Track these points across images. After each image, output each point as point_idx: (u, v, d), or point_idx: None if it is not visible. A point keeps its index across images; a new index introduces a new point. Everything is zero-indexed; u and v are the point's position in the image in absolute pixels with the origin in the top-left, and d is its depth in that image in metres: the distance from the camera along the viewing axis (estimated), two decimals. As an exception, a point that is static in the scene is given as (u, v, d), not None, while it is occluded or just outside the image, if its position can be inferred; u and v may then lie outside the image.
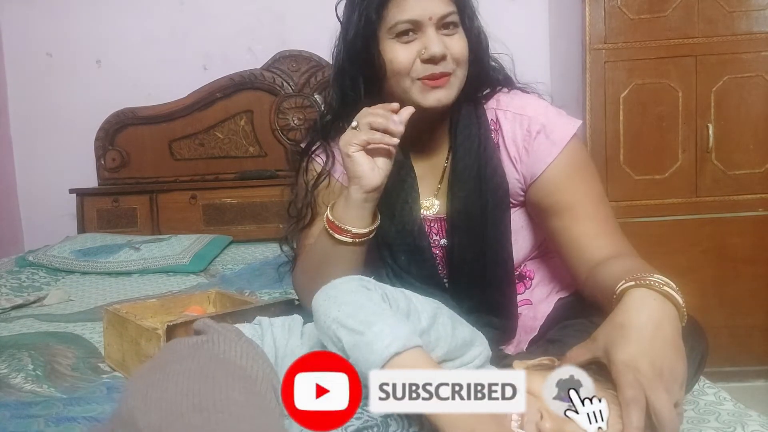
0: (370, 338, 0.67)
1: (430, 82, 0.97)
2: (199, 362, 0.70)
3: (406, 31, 0.97)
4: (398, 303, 0.74)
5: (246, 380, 0.69)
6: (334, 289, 0.74)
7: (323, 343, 0.74)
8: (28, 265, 2.26)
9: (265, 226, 2.61)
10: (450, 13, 0.98)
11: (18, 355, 1.28)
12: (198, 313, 1.24)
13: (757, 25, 2.18)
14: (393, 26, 0.97)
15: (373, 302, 0.72)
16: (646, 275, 0.78)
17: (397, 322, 0.69)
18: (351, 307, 0.71)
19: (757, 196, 2.23)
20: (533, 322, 1.08)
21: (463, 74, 1.01)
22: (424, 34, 0.97)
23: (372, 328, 0.68)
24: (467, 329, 0.79)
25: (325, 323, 0.71)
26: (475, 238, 1.03)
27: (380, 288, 0.76)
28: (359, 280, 0.76)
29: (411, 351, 0.67)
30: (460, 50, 0.99)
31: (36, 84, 2.84)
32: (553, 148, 1.00)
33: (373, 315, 0.69)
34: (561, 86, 2.53)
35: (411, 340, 0.68)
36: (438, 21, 0.97)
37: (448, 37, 0.98)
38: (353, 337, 0.68)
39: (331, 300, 0.73)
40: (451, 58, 0.98)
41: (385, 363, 0.66)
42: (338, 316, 0.70)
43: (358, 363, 0.67)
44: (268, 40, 2.74)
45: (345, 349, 0.69)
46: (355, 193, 0.95)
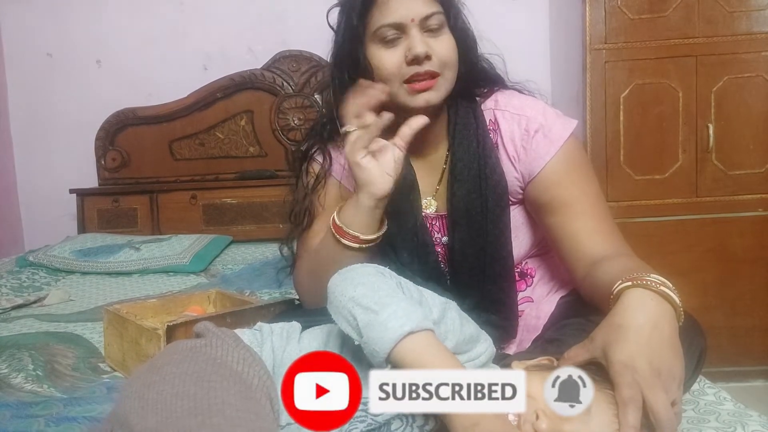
0: (385, 317, 0.68)
1: (417, 84, 0.97)
2: (196, 366, 0.70)
3: (390, 35, 0.97)
4: (411, 293, 0.76)
5: (242, 385, 0.68)
6: (352, 272, 0.76)
7: (342, 340, 0.75)
8: (28, 265, 2.27)
9: (265, 226, 2.61)
10: (433, 14, 0.97)
11: (18, 355, 1.28)
12: (198, 313, 1.24)
13: (757, 25, 2.18)
14: (377, 30, 0.97)
15: (388, 286, 0.73)
16: (643, 275, 0.78)
17: (411, 305, 0.71)
18: (367, 288, 0.72)
19: (757, 196, 2.23)
20: (536, 321, 1.08)
21: (452, 75, 1.00)
22: (408, 36, 0.97)
23: (387, 308, 0.69)
24: (473, 326, 0.80)
25: (341, 302, 0.72)
26: (475, 236, 1.04)
27: (395, 277, 0.77)
28: (375, 266, 0.77)
29: (424, 333, 0.68)
30: (446, 51, 0.98)
31: (36, 84, 2.85)
32: (551, 146, 1.00)
33: (388, 297, 0.71)
34: (561, 86, 2.53)
35: (424, 323, 0.69)
36: (421, 22, 0.96)
37: (433, 38, 0.98)
38: (368, 315, 0.69)
39: (348, 281, 0.74)
40: (437, 59, 0.97)
41: (397, 342, 0.67)
42: (354, 296, 0.71)
43: (371, 342, 0.68)
44: (268, 40, 2.74)
45: (359, 327, 0.70)
46: (366, 200, 0.95)
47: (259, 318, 1.11)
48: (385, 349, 0.67)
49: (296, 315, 1.01)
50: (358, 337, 0.70)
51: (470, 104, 1.06)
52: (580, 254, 0.98)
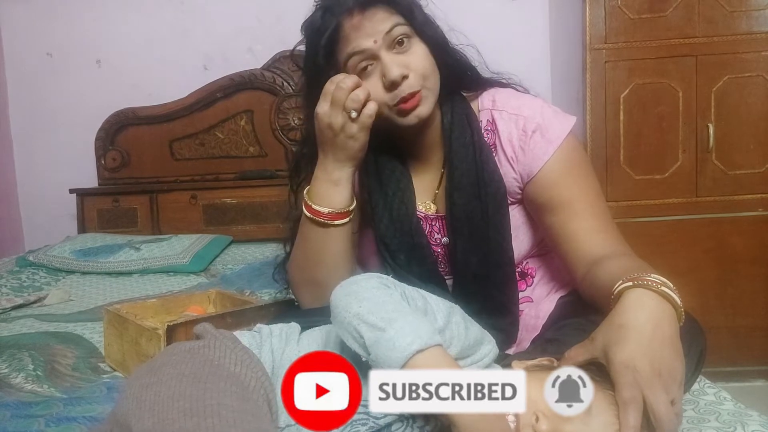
0: (392, 335, 0.67)
1: (403, 105, 0.96)
2: (193, 367, 0.70)
3: (362, 65, 0.96)
4: (416, 302, 0.75)
5: (239, 387, 0.68)
6: (355, 285, 0.74)
7: (341, 341, 0.74)
8: (28, 265, 2.27)
9: (265, 226, 2.61)
10: (395, 26, 0.95)
11: (18, 355, 1.28)
12: (198, 313, 1.24)
13: (757, 25, 2.18)
14: (347, 62, 0.96)
15: (393, 299, 0.72)
16: (643, 275, 0.78)
17: (417, 320, 0.69)
18: (372, 303, 0.70)
19: (757, 196, 2.23)
20: (535, 320, 1.08)
21: (434, 83, 0.99)
22: (380, 61, 0.95)
23: (393, 324, 0.67)
24: (477, 328, 0.80)
25: (346, 319, 0.70)
26: (476, 239, 1.03)
27: (399, 286, 0.76)
28: (378, 277, 0.76)
29: (432, 349, 0.67)
30: (420, 64, 0.96)
31: (36, 84, 2.85)
32: (549, 146, 1.00)
33: (394, 312, 0.69)
34: (561, 86, 2.53)
35: (432, 338, 0.68)
36: (385, 39, 0.95)
37: (404, 54, 0.96)
38: (374, 333, 0.68)
39: (351, 296, 0.72)
40: (414, 75, 0.95)
41: (406, 361, 0.66)
42: (359, 312, 0.69)
43: (380, 360, 0.67)
44: (268, 40, 2.74)
45: (366, 346, 0.68)
46: (342, 167, 0.98)
47: (260, 318, 1.12)
48: (394, 369, 0.66)
49: (295, 316, 1.01)
50: (365, 354, 0.69)
51: (463, 106, 1.05)
52: (579, 254, 0.98)
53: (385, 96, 0.96)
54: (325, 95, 0.95)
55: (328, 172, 0.99)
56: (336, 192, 0.99)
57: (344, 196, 1.00)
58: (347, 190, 1.00)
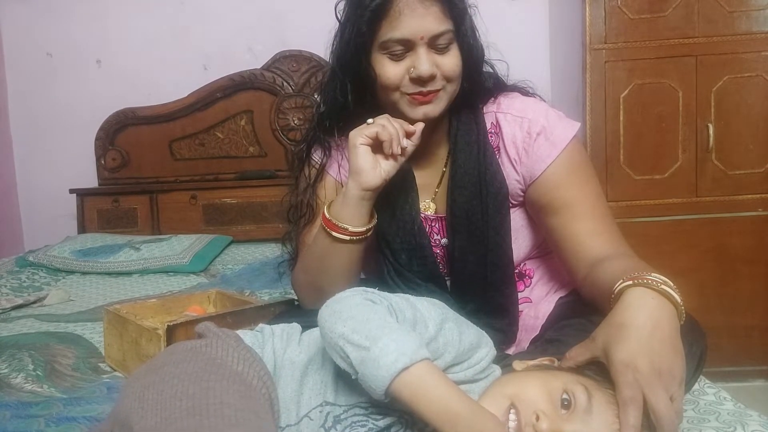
0: (377, 354, 0.66)
1: (418, 97, 0.97)
2: (195, 366, 0.70)
3: (397, 50, 0.96)
4: (404, 313, 0.74)
5: (241, 385, 0.68)
6: (339, 304, 0.73)
7: (326, 353, 0.73)
8: (28, 265, 2.27)
9: (265, 226, 2.62)
10: (444, 33, 0.96)
11: (18, 355, 1.28)
12: (198, 313, 1.24)
13: (757, 25, 2.18)
14: (384, 42, 0.97)
15: (378, 315, 0.70)
16: (644, 274, 0.78)
17: (403, 336, 0.68)
18: (356, 321, 0.70)
19: (757, 196, 2.23)
20: (534, 321, 1.08)
21: (454, 88, 1.00)
22: (415, 53, 0.96)
23: (377, 343, 0.67)
24: (473, 331, 0.79)
25: (332, 339, 0.70)
26: (476, 242, 1.04)
27: (385, 299, 0.74)
28: (363, 292, 0.75)
29: (419, 365, 0.66)
30: (451, 68, 0.98)
31: (36, 84, 2.84)
32: (553, 149, 1.00)
33: (378, 329, 0.68)
34: (561, 86, 2.53)
35: (418, 353, 0.67)
36: (430, 40, 0.96)
37: (440, 55, 0.97)
38: (360, 353, 0.67)
39: (336, 315, 0.71)
40: (441, 76, 0.97)
41: (393, 378, 0.65)
42: (344, 332, 0.69)
43: (366, 379, 0.67)
44: (268, 40, 2.75)
45: (353, 365, 0.68)
46: (353, 189, 0.96)
47: (260, 318, 1.12)
48: (381, 387, 0.66)
49: (296, 316, 1.02)
50: (354, 373, 0.68)
51: (471, 109, 1.05)
52: (580, 255, 0.98)
53: (404, 82, 0.97)
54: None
55: (351, 194, 0.99)
56: (357, 214, 0.99)
57: (364, 218, 1.00)
58: (368, 211, 1.00)
